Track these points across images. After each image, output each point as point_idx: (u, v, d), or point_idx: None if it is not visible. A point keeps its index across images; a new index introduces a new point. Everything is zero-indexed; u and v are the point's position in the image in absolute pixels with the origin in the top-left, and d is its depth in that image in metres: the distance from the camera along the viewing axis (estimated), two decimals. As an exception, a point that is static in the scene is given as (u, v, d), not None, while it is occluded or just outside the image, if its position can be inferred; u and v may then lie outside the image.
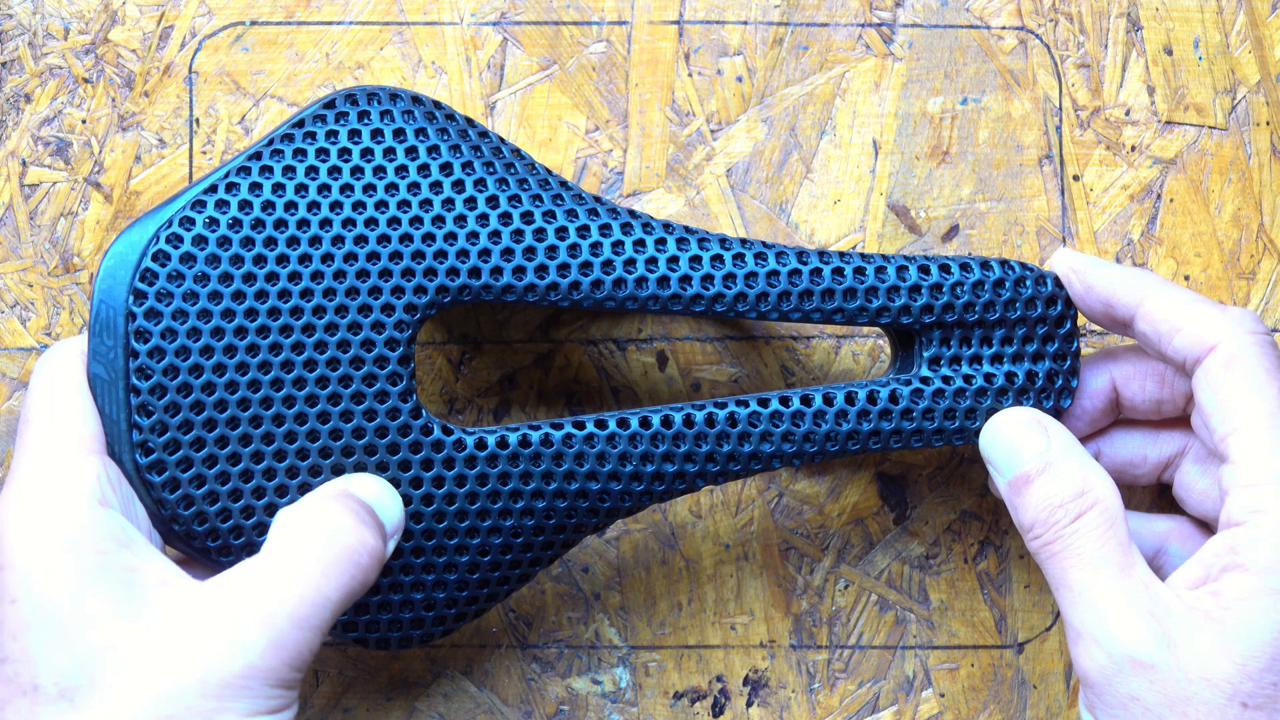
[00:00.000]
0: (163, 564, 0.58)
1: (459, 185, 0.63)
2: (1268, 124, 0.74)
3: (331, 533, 0.58)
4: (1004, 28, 0.74)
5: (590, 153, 0.74)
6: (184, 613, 0.56)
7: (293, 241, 0.61)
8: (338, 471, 0.62)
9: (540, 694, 0.73)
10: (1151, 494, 0.74)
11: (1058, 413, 0.65)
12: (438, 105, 0.64)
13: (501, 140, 0.64)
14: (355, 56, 0.73)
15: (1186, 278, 0.73)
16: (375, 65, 0.74)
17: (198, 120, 0.73)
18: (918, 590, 0.74)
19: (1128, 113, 0.74)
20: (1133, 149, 0.74)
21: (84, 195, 0.73)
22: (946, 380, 0.65)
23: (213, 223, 0.61)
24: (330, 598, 0.57)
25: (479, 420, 0.73)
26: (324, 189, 0.62)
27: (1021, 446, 0.62)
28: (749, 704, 0.73)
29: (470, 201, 0.62)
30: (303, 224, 0.61)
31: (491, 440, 0.63)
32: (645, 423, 0.64)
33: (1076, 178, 0.74)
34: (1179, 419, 0.67)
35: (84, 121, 0.73)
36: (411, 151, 0.63)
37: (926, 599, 0.73)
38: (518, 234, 0.63)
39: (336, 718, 0.73)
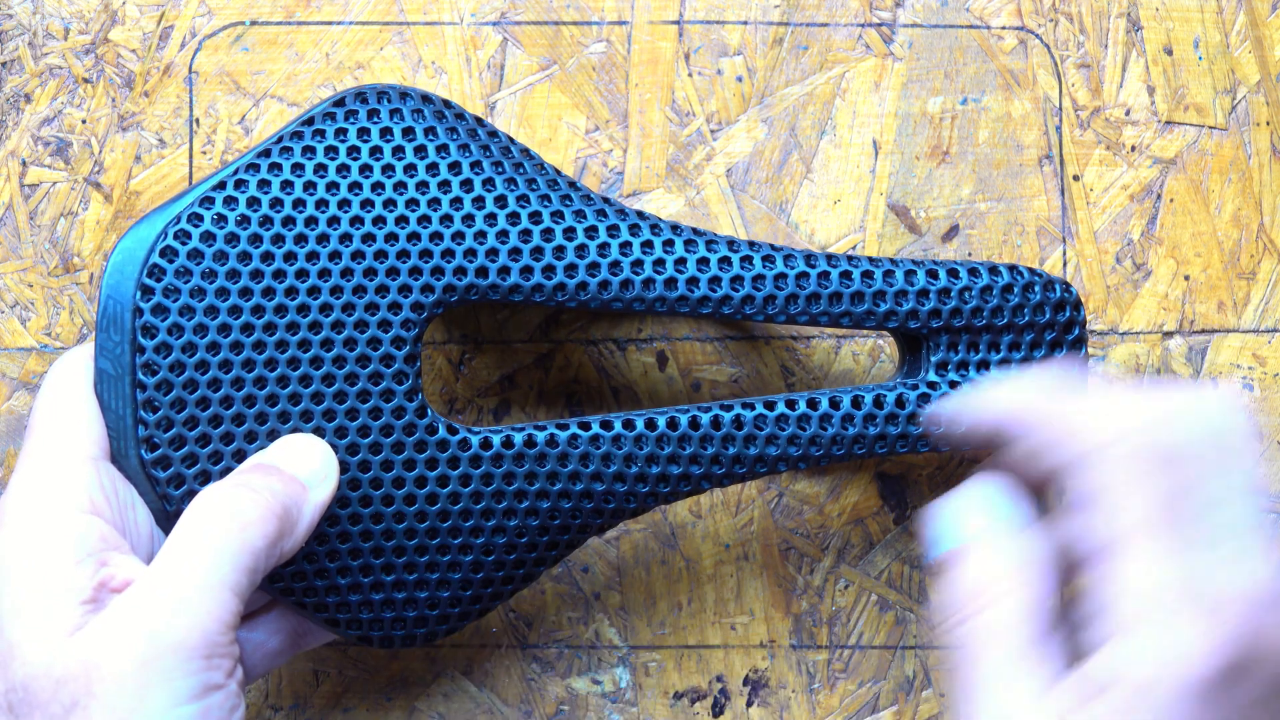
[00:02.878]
0: (132, 567, 0.58)
1: (467, 184, 0.63)
2: (1268, 124, 0.74)
3: (214, 501, 0.57)
4: (1004, 28, 0.74)
5: (590, 153, 0.74)
6: (116, 613, 0.55)
7: (300, 239, 0.61)
8: (342, 470, 0.62)
9: (540, 694, 0.73)
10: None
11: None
12: (447, 104, 0.64)
13: (510, 140, 0.64)
14: (355, 56, 0.73)
15: (1187, 278, 0.74)
16: (375, 65, 0.74)
17: (198, 120, 0.73)
18: (918, 590, 0.74)
19: (1128, 113, 0.74)
20: (1133, 149, 0.74)
21: (84, 195, 0.73)
22: (954, 385, 0.65)
23: (221, 219, 0.61)
24: (226, 552, 0.56)
25: (479, 420, 0.73)
26: (332, 187, 0.62)
27: (946, 528, 0.59)
28: (749, 704, 0.73)
29: (478, 201, 0.62)
30: (310, 222, 0.61)
31: (496, 440, 0.63)
32: (650, 424, 0.64)
33: (1076, 178, 0.74)
34: None
35: (84, 121, 0.73)
36: (420, 150, 0.63)
37: (926, 599, 0.74)
38: (525, 234, 0.63)
39: (336, 718, 0.73)
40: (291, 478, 0.60)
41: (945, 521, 0.59)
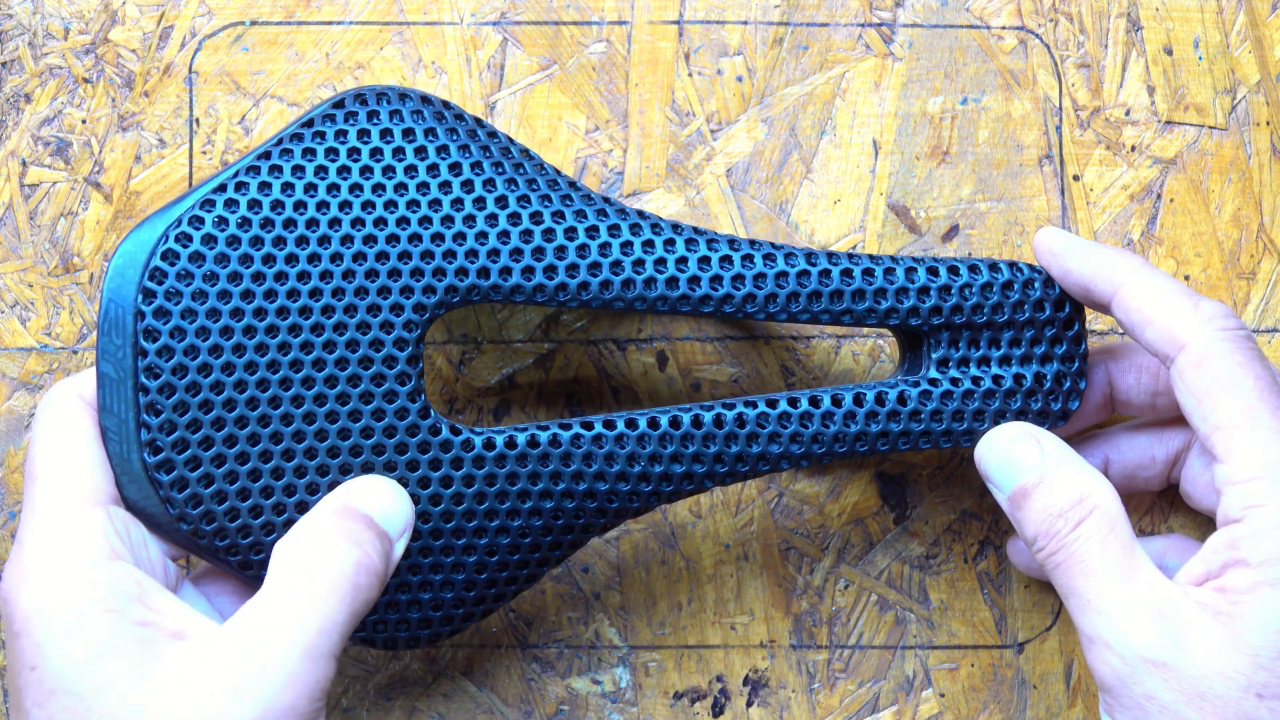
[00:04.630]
0: (177, 611, 0.58)
1: (468, 185, 0.63)
2: (1268, 124, 0.74)
3: (329, 559, 0.58)
4: (1004, 28, 0.74)
5: (590, 153, 0.74)
6: (199, 662, 0.55)
7: (301, 241, 0.61)
8: (345, 472, 0.62)
9: (540, 694, 0.73)
10: (1149, 499, 0.74)
11: (1065, 415, 0.65)
12: (447, 105, 0.64)
13: (510, 140, 0.64)
14: (355, 56, 0.73)
15: (1187, 277, 0.74)
16: (375, 65, 0.73)
17: (198, 120, 0.73)
18: (918, 590, 0.74)
19: (1128, 113, 0.74)
20: (1133, 149, 0.74)
21: (84, 195, 0.72)
22: (955, 382, 0.65)
23: (222, 222, 0.61)
24: (336, 623, 0.56)
25: (479, 420, 0.73)
26: (333, 189, 0.62)
27: (1016, 461, 0.63)
28: (749, 704, 0.73)
29: (479, 201, 0.62)
30: (312, 224, 0.61)
31: (500, 440, 0.63)
32: (653, 423, 0.64)
33: (1076, 178, 0.74)
34: (1181, 416, 0.68)
35: (84, 121, 0.73)
36: (421, 151, 0.62)
37: (926, 599, 0.74)
38: (526, 234, 0.63)
39: (336, 718, 0.73)
40: (386, 535, 0.60)
41: (1011, 456, 0.63)
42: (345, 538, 0.59)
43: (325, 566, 0.58)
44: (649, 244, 0.63)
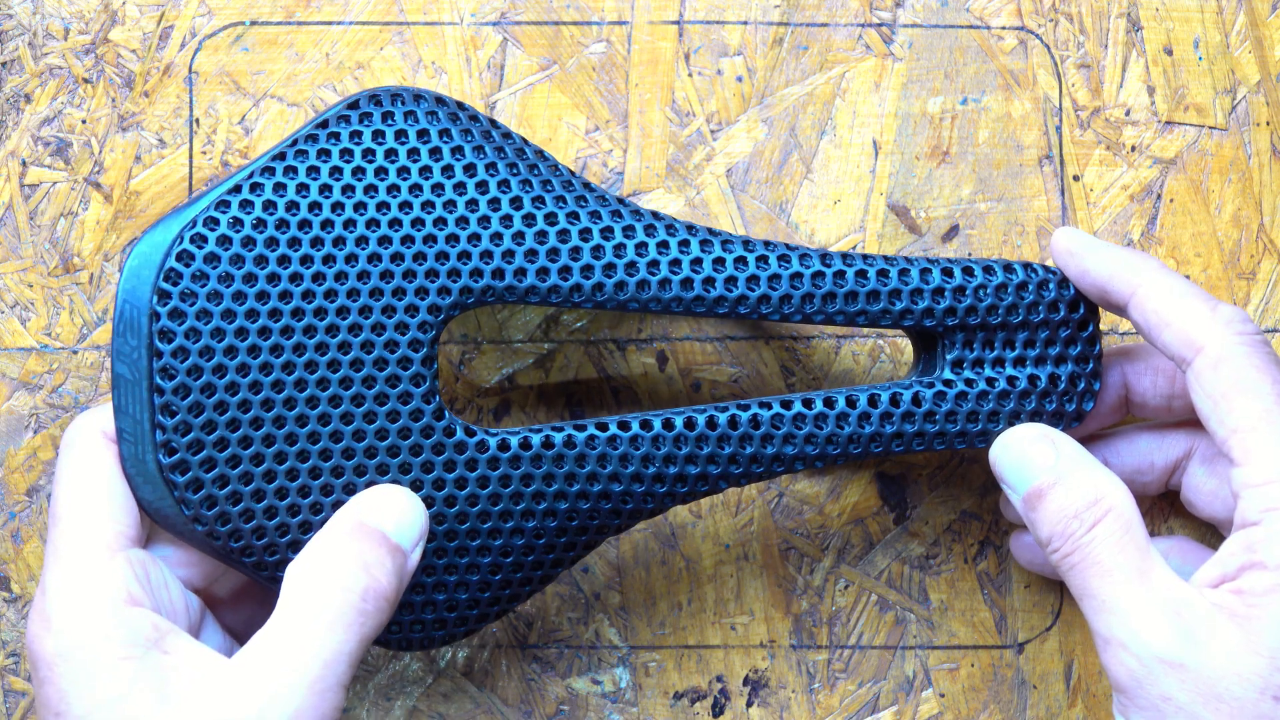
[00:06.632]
0: (194, 651, 0.58)
1: (482, 186, 0.62)
2: (1268, 124, 0.74)
3: (338, 587, 0.58)
4: (1004, 28, 0.74)
5: (590, 153, 0.74)
6: (210, 698, 0.56)
7: (316, 242, 0.61)
8: (360, 473, 0.62)
9: (540, 694, 0.73)
10: (1148, 502, 0.74)
11: (1080, 416, 0.65)
12: (461, 106, 0.64)
13: (524, 141, 0.64)
14: (355, 56, 0.73)
15: (1186, 278, 0.74)
16: (375, 65, 0.73)
17: (198, 120, 0.73)
18: (918, 590, 0.74)
19: (1128, 113, 0.74)
20: (1133, 149, 0.74)
21: (84, 195, 0.72)
22: (969, 383, 0.65)
23: (237, 223, 0.61)
24: (345, 651, 0.57)
25: (479, 420, 0.73)
26: (348, 190, 0.62)
27: (1031, 462, 0.63)
28: (749, 704, 0.73)
29: (493, 203, 0.62)
30: (326, 224, 0.61)
31: (514, 441, 0.63)
32: (668, 424, 0.64)
33: (1076, 178, 0.74)
34: (1184, 421, 0.68)
35: (84, 121, 0.72)
36: (435, 152, 0.62)
37: (926, 599, 0.74)
38: (541, 235, 0.63)
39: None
40: (400, 549, 0.61)
41: (1025, 458, 0.63)
42: (356, 563, 0.59)
43: (334, 595, 0.58)
44: (663, 245, 0.63)
